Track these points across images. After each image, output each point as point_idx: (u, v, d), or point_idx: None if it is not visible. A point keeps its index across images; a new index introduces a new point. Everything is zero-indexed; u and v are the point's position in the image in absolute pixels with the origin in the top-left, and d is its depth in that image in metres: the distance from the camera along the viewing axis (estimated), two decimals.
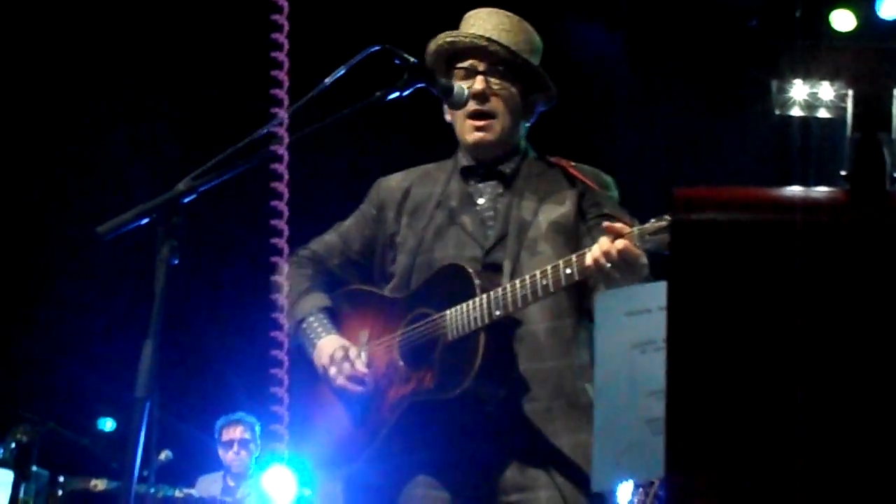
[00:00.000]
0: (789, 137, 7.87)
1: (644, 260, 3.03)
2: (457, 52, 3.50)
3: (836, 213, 1.58)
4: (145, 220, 2.76)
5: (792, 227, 1.55)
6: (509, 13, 3.54)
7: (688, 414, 1.56)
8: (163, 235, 2.74)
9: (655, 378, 2.46)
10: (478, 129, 3.48)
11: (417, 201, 3.57)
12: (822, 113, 7.73)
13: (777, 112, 7.87)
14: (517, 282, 3.17)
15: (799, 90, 7.74)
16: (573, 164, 3.49)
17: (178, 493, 7.22)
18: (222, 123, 7.32)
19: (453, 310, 3.28)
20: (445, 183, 3.56)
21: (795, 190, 1.62)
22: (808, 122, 7.77)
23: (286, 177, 3.14)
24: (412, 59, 3.18)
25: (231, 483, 7.77)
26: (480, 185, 3.53)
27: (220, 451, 7.80)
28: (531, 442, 3.28)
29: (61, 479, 7.45)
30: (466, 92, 3.36)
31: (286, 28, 2.97)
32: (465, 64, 3.48)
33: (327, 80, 3.03)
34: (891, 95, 1.63)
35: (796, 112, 7.79)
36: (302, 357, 3.54)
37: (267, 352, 3.68)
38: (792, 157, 7.85)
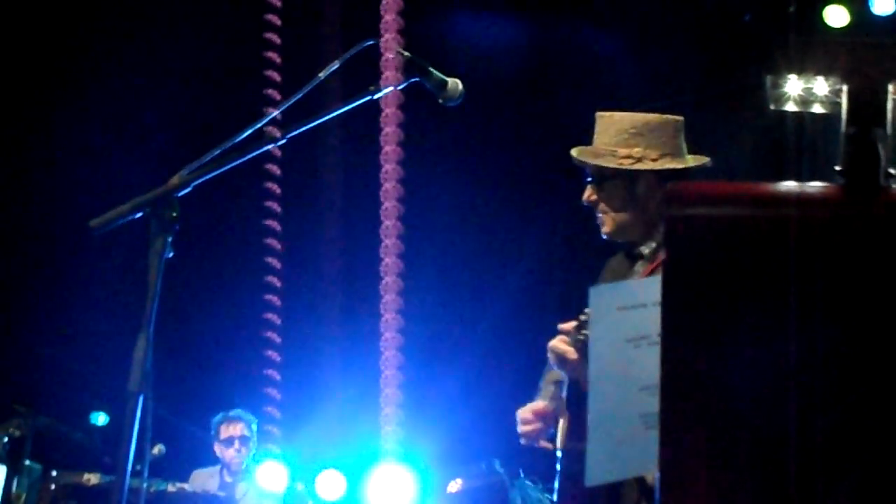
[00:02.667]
0: (784, 132, 7.87)
1: (572, 356, 3.37)
2: None
3: (831, 208, 1.58)
4: (139, 214, 2.76)
5: (786, 223, 1.54)
6: (613, 112, 3.80)
7: (681, 409, 1.56)
8: (156, 229, 2.74)
9: (649, 373, 2.46)
10: (599, 223, 3.76)
11: (611, 280, 3.82)
12: (817, 108, 7.72)
13: (771, 107, 7.86)
14: None
15: (793, 85, 7.73)
16: None
17: (170, 488, 7.21)
18: (217, 117, 7.32)
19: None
20: (628, 264, 3.81)
21: (790, 185, 1.62)
22: (803, 117, 7.76)
23: (279, 174, 3.15)
24: (406, 53, 3.18)
25: (228, 479, 7.74)
26: (636, 266, 3.76)
27: (219, 448, 7.75)
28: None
29: (54, 473, 7.43)
30: (460, 86, 3.36)
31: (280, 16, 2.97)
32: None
33: (322, 75, 3.03)
34: (885, 91, 1.63)
35: (791, 107, 7.78)
36: None
37: (260, 345, 3.70)
38: (786, 152, 7.85)
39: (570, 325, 3.41)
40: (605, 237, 3.78)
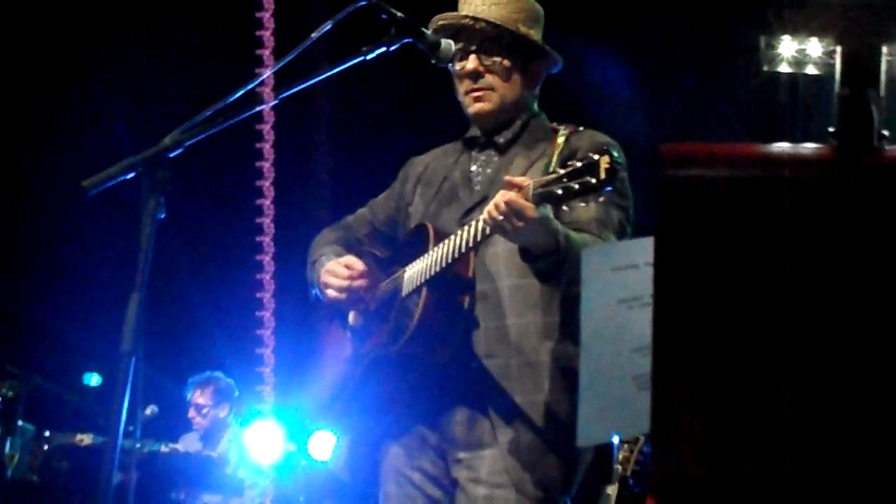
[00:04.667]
0: (777, 94, 7.86)
1: (532, 213, 2.97)
2: (454, 34, 3.50)
3: (824, 170, 1.58)
4: (131, 174, 2.75)
5: (780, 183, 1.54)
6: None
7: (673, 370, 1.56)
8: (149, 189, 2.73)
9: (642, 334, 2.46)
10: (476, 99, 3.52)
11: (431, 173, 3.65)
12: (811, 69, 7.72)
13: (765, 68, 7.86)
14: (448, 240, 3.22)
15: (787, 46, 7.73)
16: (580, 128, 3.46)
17: (163, 448, 7.23)
18: (210, 77, 7.30)
19: (410, 266, 3.40)
20: (457, 155, 3.63)
21: (783, 146, 1.61)
22: (797, 79, 7.76)
23: (270, 136, 3.14)
24: (399, 14, 3.16)
25: (201, 444, 7.76)
26: (477, 154, 3.58)
27: (190, 413, 7.80)
28: (482, 399, 3.34)
29: (47, 433, 7.47)
30: (453, 47, 3.34)
31: None
32: (459, 45, 3.48)
33: (314, 35, 3.01)
34: (879, 52, 1.63)
35: (784, 68, 7.78)
36: (318, 302, 3.75)
37: (252, 306, 3.70)
38: (780, 114, 7.84)
39: (522, 180, 3.02)
40: (478, 114, 3.51)
